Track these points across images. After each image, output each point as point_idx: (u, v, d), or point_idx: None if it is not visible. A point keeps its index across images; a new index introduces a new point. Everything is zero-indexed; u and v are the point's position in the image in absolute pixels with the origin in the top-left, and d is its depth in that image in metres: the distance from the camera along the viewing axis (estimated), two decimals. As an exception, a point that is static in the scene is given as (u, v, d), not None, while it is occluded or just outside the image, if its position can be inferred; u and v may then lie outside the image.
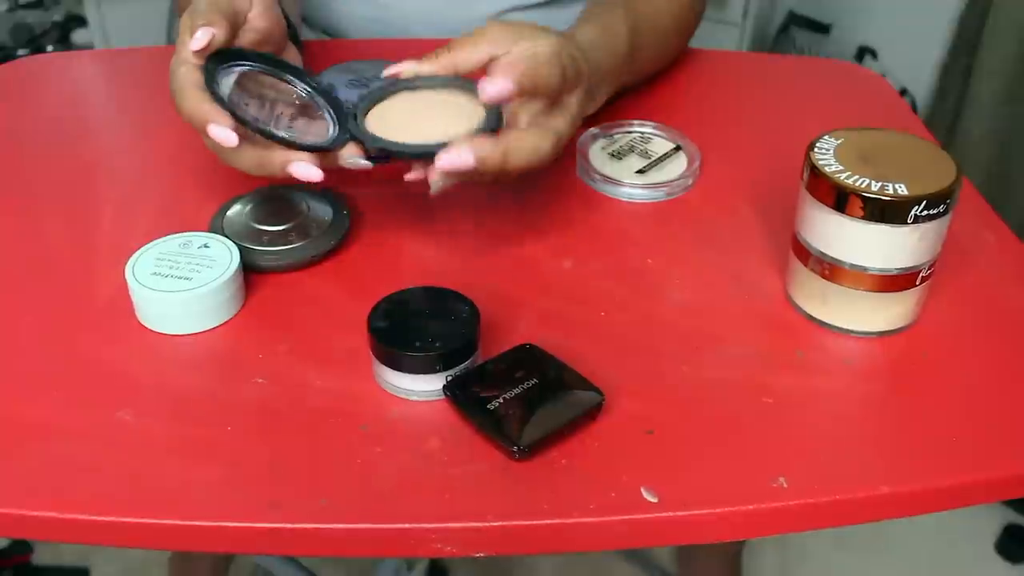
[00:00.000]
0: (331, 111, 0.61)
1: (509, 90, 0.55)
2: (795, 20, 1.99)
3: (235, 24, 0.59)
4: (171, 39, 1.88)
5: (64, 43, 2.10)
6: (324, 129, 0.60)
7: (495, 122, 0.57)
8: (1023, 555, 1.42)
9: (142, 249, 0.59)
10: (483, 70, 0.59)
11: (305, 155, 0.56)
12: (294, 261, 0.61)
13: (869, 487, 0.48)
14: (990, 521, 1.45)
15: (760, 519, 0.47)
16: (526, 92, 0.56)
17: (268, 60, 0.61)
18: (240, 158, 0.56)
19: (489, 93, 0.55)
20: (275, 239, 0.61)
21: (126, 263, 0.57)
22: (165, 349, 0.56)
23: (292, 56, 0.65)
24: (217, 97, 0.55)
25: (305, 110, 0.61)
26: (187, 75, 0.56)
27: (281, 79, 0.61)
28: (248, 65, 0.60)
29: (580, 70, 0.60)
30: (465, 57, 0.60)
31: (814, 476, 0.48)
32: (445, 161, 0.54)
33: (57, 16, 2.14)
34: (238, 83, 0.58)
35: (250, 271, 0.60)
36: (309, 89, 0.61)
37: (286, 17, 0.65)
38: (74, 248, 0.64)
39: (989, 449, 0.50)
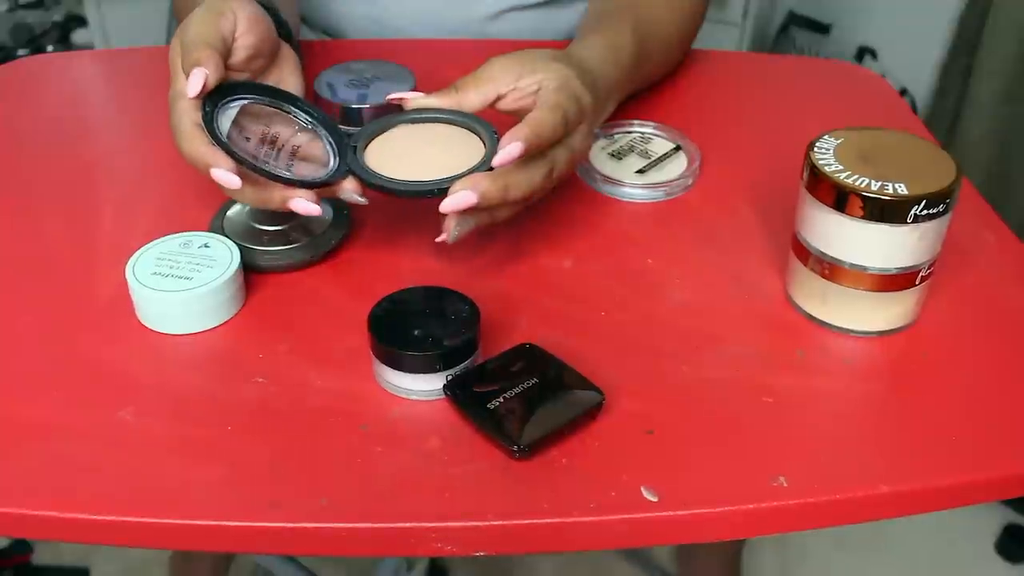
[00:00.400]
0: (331, 140, 0.60)
1: (520, 153, 0.55)
2: (795, 20, 1.99)
3: (225, 52, 0.58)
4: (171, 40, 1.88)
5: (64, 43, 2.10)
6: (324, 158, 0.60)
7: (496, 142, 0.58)
8: (1023, 555, 1.42)
9: (142, 249, 0.59)
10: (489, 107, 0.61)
11: (303, 191, 0.56)
12: (294, 261, 0.61)
13: (868, 486, 0.48)
14: (990, 521, 1.45)
15: (760, 518, 0.47)
16: (533, 148, 0.56)
17: (266, 91, 0.60)
18: (242, 195, 0.57)
19: (501, 162, 0.55)
20: (275, 239, 0.61)
21: (126, 263, 0.58)
22: (165, 349, 0.56)
23: (288, 56, 0.65)
24: (216, 138, 0.55)
25: (306, 139, 0.60)
26: (185, 112, 0.56)
27: (281, 109, 0.60)
28: (247, 99, 0.59)
29: (583, 108, 0.60)
30: (471, 99, 0.61)
31: (814, 475, 0.48)
32: (448, 204, 0.55)
33: (57, 16, 2.13)
34: (237, 118, 0.58)
35: (250, 271, 0.60)
36: (309, 119, 0.61)
37: (277, 18, 0.64)
38: (74, 248, 0.64)
39: (989, 448, 0.50)
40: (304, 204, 0.56)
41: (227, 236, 0.60)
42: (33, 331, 0.57)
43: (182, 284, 0.56)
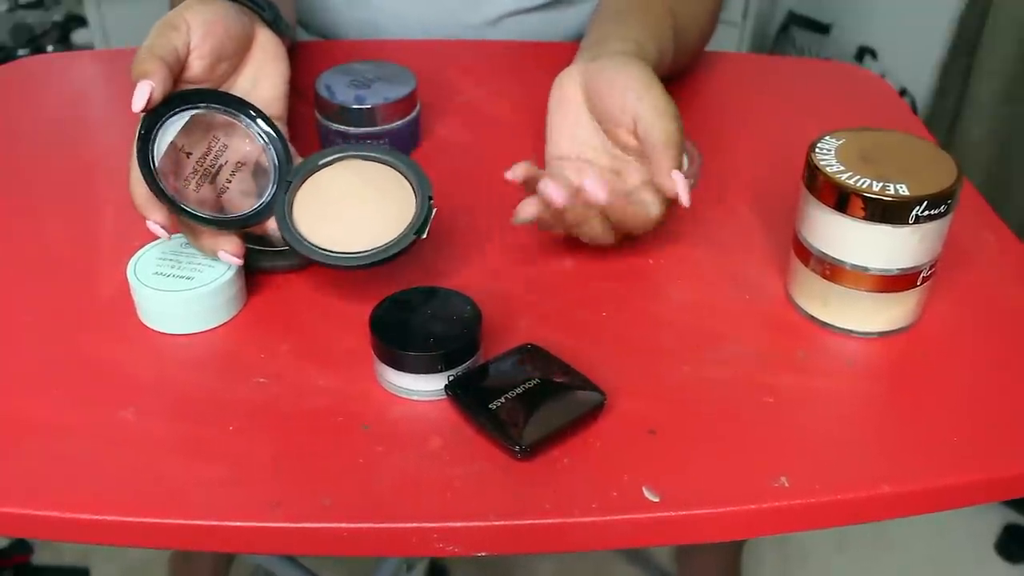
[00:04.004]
0: (276, 158, 0.59)
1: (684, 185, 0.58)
2: (795, 20, 1.99)
3: (177, 66, 0.57)
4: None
5: (64, 43, 2.10)
6: (266, 179, 0.59)
7: (425, 213, 0.56)
8: (1023, 555, 1.42)
9: (144, 248, 0.59)
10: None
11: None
12: (296, 262, 0.61)
13: (870, 487, 0.48)
14: (990, 521, 1.45)
15: (761, 519, 0.47)
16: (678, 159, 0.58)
17: (220, 99, 0.58)
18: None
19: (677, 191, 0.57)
20: (277, 239, 0.61)
21: (127, 262, 0.58)
22: (167, 348, 0.56)
23: (266, 46, 0.63)
24: (146, 170, 0.54)
25: (254, 153, 0.59)
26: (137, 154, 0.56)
27: (233, 117, 0.59)
28: (197, 108, 0.57)
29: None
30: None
31: (815, 476, 0.48)
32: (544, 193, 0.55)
33: (57, 16, 2.13)
34: (187, 128, 0.56)
35: (252, 271, 0.60)
36: (261, 133, 0.59)
37: (257, 3, 0.63)
38: (75, 248, 0.64)
39: (990, 449, 0.50)
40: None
41: (228, 236, 0.60)
42: (35, 330, 0.57)
43: (183, 284, 0.56)
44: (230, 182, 0.58)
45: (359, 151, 0.60)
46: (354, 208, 0.58)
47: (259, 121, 0.59)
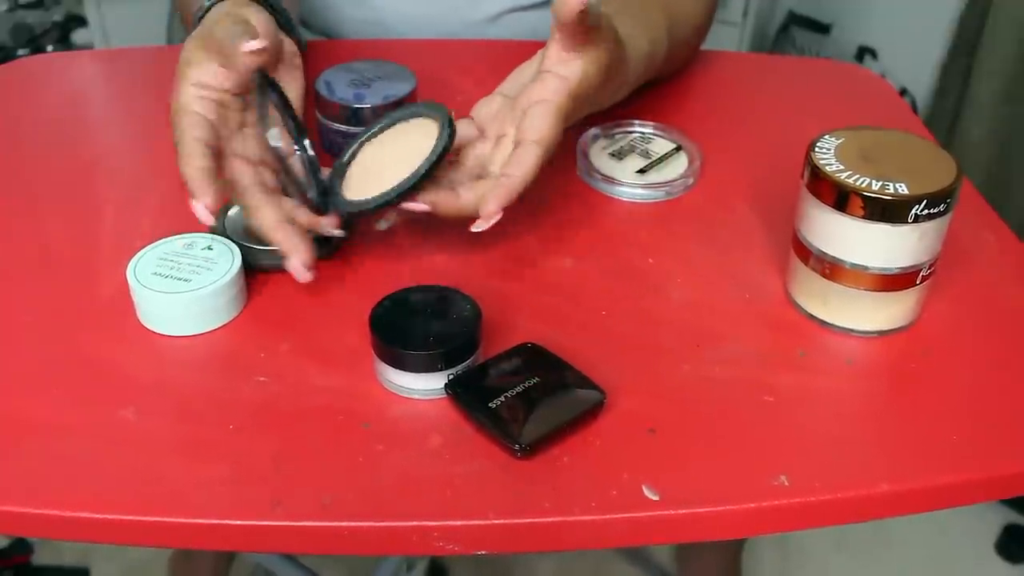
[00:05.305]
0: (308, 162, 0.60)
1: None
2: (795, 20, 1.99)
3: (275, 49, 0.59)
4: (171, 39, 1.88)
5: (64, 43, 2.10)
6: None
7: (447, 140, 0.57)
8: (1023, 555, 1.42)
9: (145, 249, 0.59)
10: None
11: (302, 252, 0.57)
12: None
13: (870, 485, 0.48)
14: (990, 521, 1.45)
15: (761, 517, 0.47)
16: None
17: (285, 102, 0.60)
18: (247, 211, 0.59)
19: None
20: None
21: (128, 263, 0.58)
22: (166, 348, 0.56)
23: (289, 51, 0.64)
24: (288, 118, 0.57)
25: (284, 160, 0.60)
26: (190, 128, 0.56)
27: (282, 116, 0.60)
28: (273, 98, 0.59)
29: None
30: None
31: (815, 474, 0.48)
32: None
33: (57, 16, 2.13)
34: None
35: (252, 270, 0.60)
36: (300, 148, 0.60)
37: (276, 6, 0.64)
38: (75, 248, 0.64)
39: (989, 448, 0.50)
40: (304, 274, 0.56)
41: (229, 235, 0.60)
42: (34, 330, 0.57)
43: (181, 286, 0.56)
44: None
45: (394, 118, 0.62)
46: (392, 164, 0.59)
47: (303, 141, 0.60)
